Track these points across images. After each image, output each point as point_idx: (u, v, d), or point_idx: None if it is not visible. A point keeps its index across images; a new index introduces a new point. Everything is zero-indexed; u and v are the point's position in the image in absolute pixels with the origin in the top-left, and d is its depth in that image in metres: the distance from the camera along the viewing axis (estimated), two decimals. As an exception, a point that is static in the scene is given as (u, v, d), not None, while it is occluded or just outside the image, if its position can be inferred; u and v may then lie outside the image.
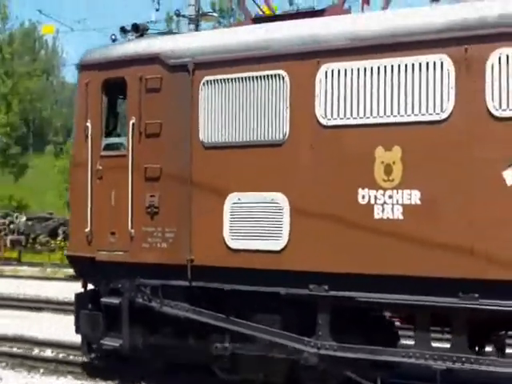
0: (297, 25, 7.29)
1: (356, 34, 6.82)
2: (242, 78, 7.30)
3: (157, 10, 17.19)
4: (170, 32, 9.49)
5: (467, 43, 6.24)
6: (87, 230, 8.21)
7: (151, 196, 7.78)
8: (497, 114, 6.09)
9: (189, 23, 19.30)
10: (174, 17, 24.31)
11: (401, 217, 6.47)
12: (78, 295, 8.69)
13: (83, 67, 8.53)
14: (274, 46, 7.19)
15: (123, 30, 8.53)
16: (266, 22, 7.69)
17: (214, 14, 24.56)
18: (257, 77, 7.21)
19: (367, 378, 6.73)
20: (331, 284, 6.79)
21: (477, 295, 6.14)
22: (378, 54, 6.63)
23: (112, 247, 8.04)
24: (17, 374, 9.11)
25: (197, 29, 18.43)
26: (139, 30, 8.35)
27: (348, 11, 7.63)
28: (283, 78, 7.06)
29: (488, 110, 6.11)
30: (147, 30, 8.45)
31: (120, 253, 7.97)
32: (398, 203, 6.49)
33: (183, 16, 19.16)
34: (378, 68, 6.61)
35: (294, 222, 6.96)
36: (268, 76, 7.15)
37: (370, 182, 6.60)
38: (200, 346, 7.63)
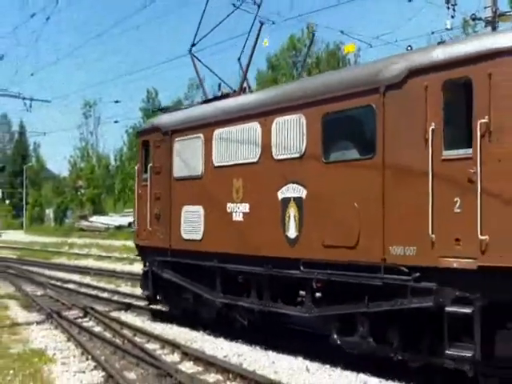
0: (208, 106, 12.21)
1: (224, 111, 11.51)
2: (187, 139, 12.47)
3: (452, 16, 17.15)
4: (167, 109, 14.75)
5: (265, 116, 10.49)
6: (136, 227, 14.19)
7: (157, 208, 13.37)
8: (275, 156, 10.26)
9: (485, 26, 18.72)
10: (470, 21, 23.21)
11: (242, 219, 10.98)
12: (143, 270, 14.59)
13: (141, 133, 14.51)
14: (196, 120, 12.23)
15: (158, 109, 14.27)
16: (205, 102, 12.72)
17: (512, 13, 23.95)
18: (192, 138, 12.31)
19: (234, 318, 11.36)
20: (219, 259, 11.54)
21: (278, 268, 10.29)
22: (232, 123, 11.23)
23: (143, 238, 13.85)
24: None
25: (494, 30, 17.43)
26: (162, 110, 14.04)
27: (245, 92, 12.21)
28: (200, 138, 12.04)
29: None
30: (166, 109, 14.06)
31: (146, 241, 13.72)
32: (240, 211, 11.01)
33: (479, 19, 18.79)
34: (233, 131, 11.20)
35: (205, 223, 11.88)
36: (196, 137, 12.19)
37: (232, 198, 11.21)
38: (179, 297, 12.96)
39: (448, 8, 17.13)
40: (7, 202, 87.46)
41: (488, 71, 7.35)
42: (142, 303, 15.38)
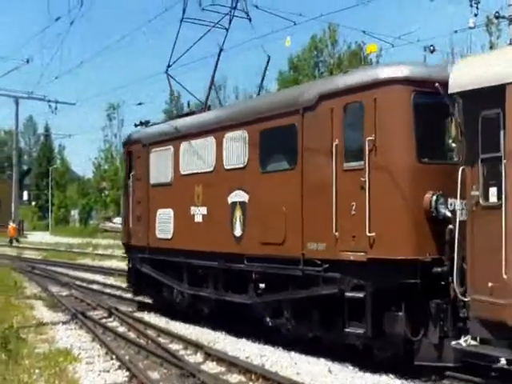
0: (177, 121, 13.94)
1: (188, 126, 13.23)
2: (160, 150, 14.22)
3: (475, 15, 17.00)
4: (147, 123, 16.47)
5: (218, 131, 12.17)
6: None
7: (138, 211, 15.16)
8: (225, 166, 11.93)
9: (509, 24, 18.61)
10: (494, 19, 23.23)
11: (201, 220, 12.69)
12: (127, 266, 16.40)
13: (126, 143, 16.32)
14: (167, 134, 13.98)
15: (138, 124, 16.06)
16: (177, 118, 14.45)
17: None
18: (164, 150, 14.06)
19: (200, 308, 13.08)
20: (185, 255, 13.26)
21: (228, 262, 11.97)
22: (195, 137, 12.95)
23: (127, 237, 15.66)
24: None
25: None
26: (142, 124, 15.82)
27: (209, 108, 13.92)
28: (170, 150, 13.78)
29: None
30: (147, 123, 15.84)
31: (130, 240, 15.53)
32: (200, 213, 12.71)
33: (503, 17, 18.69)
34: (195, 144, 12.91)
35: (174, 224, 13.62)
36: (167, 149, 13.94)
37: (194, 202, 12.92)
38: (158, 290, 14.73)
39: (471, 6, 16.97)
40: (33, 203, 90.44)
41: (374, 97, 8.93)
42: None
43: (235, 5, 14.62)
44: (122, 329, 13.10)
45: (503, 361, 8.28)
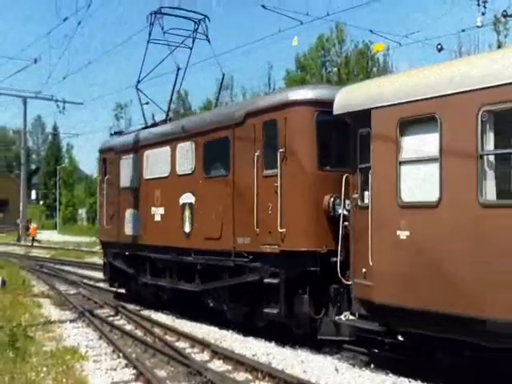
0: (143, 132, 15.79)
1: (150, 137, 15.06)
2: (128, 158, 16.07)
3: (483, 13, 16.95)
4: (121, 133, 18.26)
5: (173, 142, 13.98)
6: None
7: (111, 211, 17.02)
8: (178, 172, 13.75)
9: None
10: (502, 18, 23.13)
11: (160, 219, 14.52)
12: (103, 260, 18.27)
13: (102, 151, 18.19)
14: (133, 143, 15.83)
15: (115, 133, 17.90)
16: (142, 129, 16.30)
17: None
18: (131, 157, 15.91)
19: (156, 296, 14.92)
20: (148, 250, 15.10)
21: (180, 255, 13.79)
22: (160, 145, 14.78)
23: (102, 234, 17.55)
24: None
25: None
26: (116, 133, 17.68)
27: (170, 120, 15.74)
28: (136, 157, 15.63)
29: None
30: (120, 132, 17.68)
31: (105, 236, 17.42)
32: (159, 213, 14.54)
33: (510, 16, 19.02)
34: (155, 152, 14.73)
35: (139, 222, 15.47)
36: (133, 157, 15.79)
37: (154, 203, 14.75)
38: (129, 281, 16.59)
39: (478, 5, 16.83)
40: (41, 202, 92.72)
41: (285, 116, 10.71)
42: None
43: (197, 27, 16.46)
44: (129, 327, 13.22)
45: (400, 337, 9.85)
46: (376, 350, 10.14)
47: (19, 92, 46.90)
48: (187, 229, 13.39)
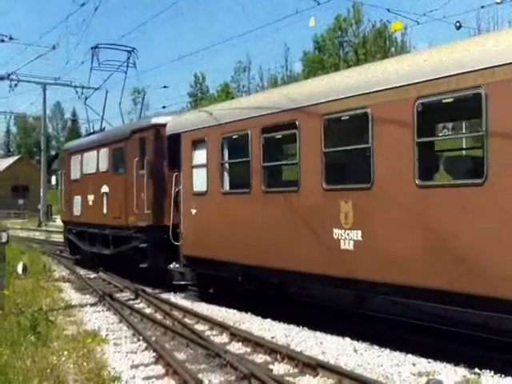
0: (85, 138, 21.23)
1: (87, 143, 20.51)
2: (75, 158, 21.56)
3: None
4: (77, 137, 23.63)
5: (97, 148, 19.39)
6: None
7: (67, 197, 22.56)
8: (100, 170, 19.16)
9: None
10: None
11: (92, 204, 19.99)
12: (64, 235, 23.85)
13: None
14: (78, 146, 21.29)
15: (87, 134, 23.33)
16: (86, 136, 21.73)
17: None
18: (77, 157, 21.39)
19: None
20: (87, 226, 20.59)
21: (101, 230, 19.24)
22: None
23: (63, 215, 23.15)
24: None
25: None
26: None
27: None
28: (79, 157, 21.09)
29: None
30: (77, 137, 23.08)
31: (64, 217, 23.02)
32: (91, 199, 20.00)
33: None
34: (89, 154, 20.15)
35: (81, 205, 20.97)
36: (78, 156, 21.26)
37: (88, 192, 20.19)
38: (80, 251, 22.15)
39: None
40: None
41: (150, 135, 16.00)
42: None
43: (129, 56, 21.91)
44: (148, 310, 13.34)
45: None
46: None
47: (38, 79, 48.15)
48: (105, 210, 18.84)
